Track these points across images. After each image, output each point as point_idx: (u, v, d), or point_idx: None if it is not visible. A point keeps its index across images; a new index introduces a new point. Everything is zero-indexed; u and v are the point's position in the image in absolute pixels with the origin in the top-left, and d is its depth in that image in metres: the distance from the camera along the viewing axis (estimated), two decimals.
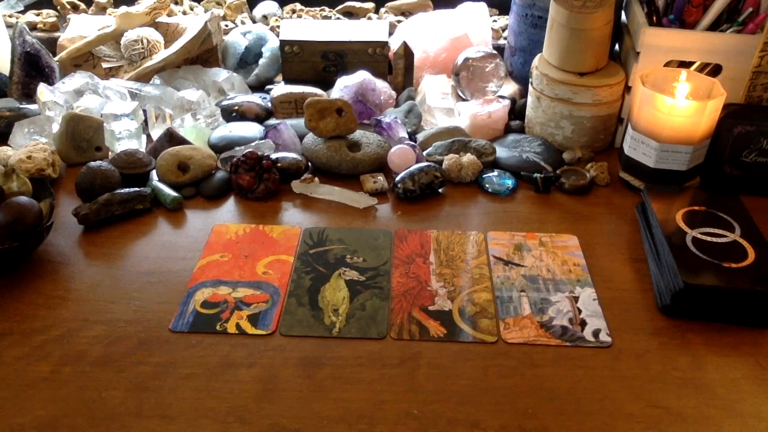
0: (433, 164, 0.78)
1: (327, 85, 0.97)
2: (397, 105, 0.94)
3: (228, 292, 0.64)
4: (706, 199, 0.70)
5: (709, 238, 0.64)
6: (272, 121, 0.90)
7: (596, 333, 0.59)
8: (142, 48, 1.00)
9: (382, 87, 0.93)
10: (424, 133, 0.87)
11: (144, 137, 0.88)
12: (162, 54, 0.99)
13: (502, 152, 0.84)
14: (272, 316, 0.61)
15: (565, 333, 0.59)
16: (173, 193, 0.76)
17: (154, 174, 0.80)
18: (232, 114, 0.91)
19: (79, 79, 0.93)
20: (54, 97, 0.89)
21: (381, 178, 0.80)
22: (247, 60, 1.04)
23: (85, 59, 1.01)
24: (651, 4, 0.83)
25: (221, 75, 0.98)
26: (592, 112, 0.82)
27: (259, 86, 1.02)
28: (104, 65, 1.01)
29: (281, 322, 0.60)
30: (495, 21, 1.17)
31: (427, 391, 0.53)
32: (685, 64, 0.81)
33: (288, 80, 1.01)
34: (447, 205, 0.77)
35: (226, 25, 1.16)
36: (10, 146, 0.84)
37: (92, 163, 0.76)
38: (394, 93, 0.94)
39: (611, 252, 0.69)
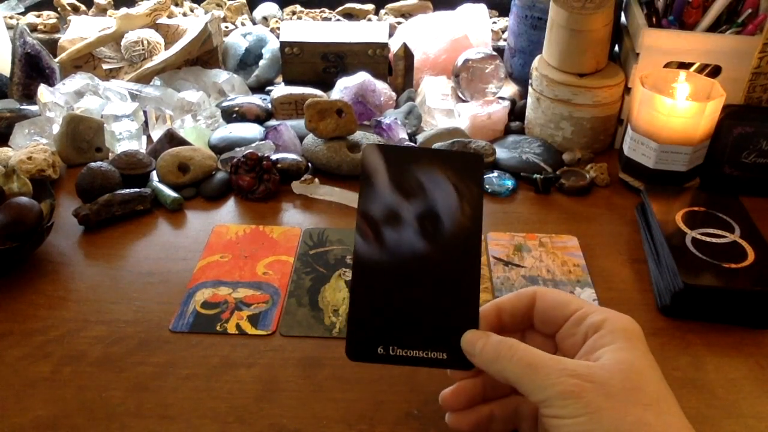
0: None
1: (327, 86, 0.97)
2: (397, 106, 0.95)
3: (228, 293, 0.64)
4: (705, 200, 0.70)
5: (708, 239, 0.64)
6: (272, 122, 0.90)
7: None
8: (143, 49, 1.00)
9: (382, 88, 0.93)
10: (424, 134, 0.87)
11: (144, 138, 0.88)
12: (162, 55, 0.99)
13: (502, 153, 0.84)
14: (272, 317, 0.61)
15: None
16: (173, 194, 0.76)
17: (154, 175, 0.80)
18: (232, 115, 0.91)
19: (79, 80, 0.93)
20: (54, 98, 0.89)
21: None
22: (247, 61, 1.04)
23: (86, 60, 1.01)
24: (650, 6, 0.83)
25: (221, 76, 0.98)
26: (591, 113, 0.82)
27: (259, 87, 1.02)
28: (105, 66, 1.02)
29: (281, 323, 0.60)
30: (495, 22, 1.18)
31: (427, 391, 0.53)
32: (684, 65, 0.81)
33: (288, 81, 1.01)
34: None
35: (227, 27, 1.16)
36: (10, 147, 0.84)
37: (92, 164, 0.76)
38: (394, 94, 0.95)
39: (611, 253, 0.70)
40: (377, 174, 0.42)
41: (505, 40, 1.12)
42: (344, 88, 0.91)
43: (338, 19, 1.19)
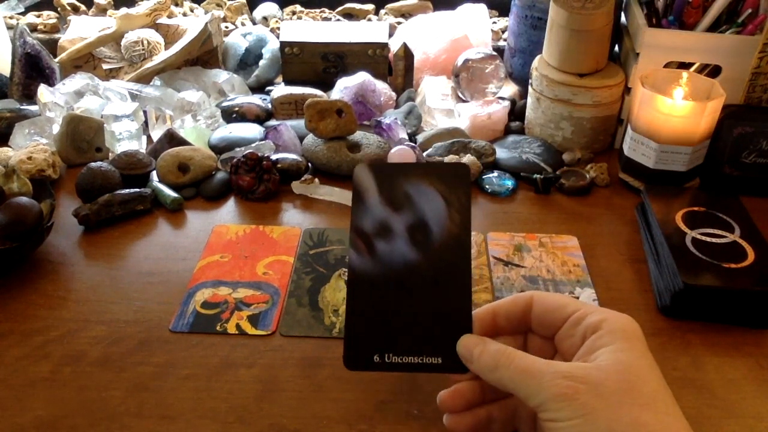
0: None
1: (327, 86, 0.97)
2: (397, 106, 0.95)
3: (228, 293, 0.64)
4: (705, 200, 0.70)
5: (708, 239, 0.64)
6: (272, 122, 0.90)
7: None
8: (143, 49, 1.00)
9: (382, 88, 0.93)
10: (424, 134, 0.87)
11: (144, 138, 0.88)
12: (162, 55, 0.99)
13: (502, 153, 0.84)
14: (272, 317, 0.61)
15: None
16: (173, 194, 0.76)
17: (154, 175, 0.80)
18: (232, 115, 0.91)
19: (79, 80, 0.93)
20: (54, 98, 0.89)
21: None
22: (247, 61, 1.04)
23: (86, 60, 1.01)
24: (650, 6, 0.83)
25: (221, 76, 0.98)
26: (591, 113, 0.82)
27: (259, 87, 1.02)
28: (105, 66, 1.02)
29: (281, 323, 0.60)
30: (495, 22, 1.18)
31: (427, 391, 0.53)
32: (684, 65, 0.81)
33: (288, 81, 1.01)
34: None
35: (227, 27, 1.16)
36: (10, 147, 0.84)
37: (92, 164, 0.76)
38: (394, 94, 0.95)
39: (611, 253, 0.70)
40: (368, 191, 0.44)
41: (505, 40, 1.12)
42: (344, 88, 0.91)
43: (338, 19, 1.19)
